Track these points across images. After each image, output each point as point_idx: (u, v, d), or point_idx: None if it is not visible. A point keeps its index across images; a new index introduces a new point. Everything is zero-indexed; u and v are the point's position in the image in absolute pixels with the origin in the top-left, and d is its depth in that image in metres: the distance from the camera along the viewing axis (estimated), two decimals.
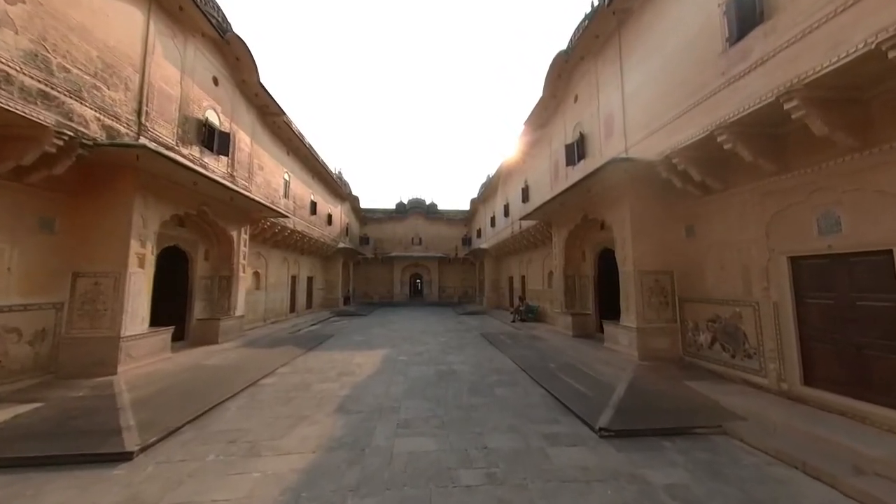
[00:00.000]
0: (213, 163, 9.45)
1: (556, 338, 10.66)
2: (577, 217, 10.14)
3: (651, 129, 6.95)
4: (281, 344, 10.46)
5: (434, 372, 7.77)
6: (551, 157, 12.32)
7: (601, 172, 7.22)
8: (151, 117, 7.25)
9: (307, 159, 16.61)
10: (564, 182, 10.87)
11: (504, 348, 9.91)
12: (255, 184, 11.88)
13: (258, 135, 12.11)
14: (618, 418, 4.80)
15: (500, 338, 11.61)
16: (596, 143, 9.17)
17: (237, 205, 10.23)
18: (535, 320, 15.62)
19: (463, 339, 11.94)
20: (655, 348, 7.28)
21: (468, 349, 10.21)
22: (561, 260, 11.49)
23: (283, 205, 14.15)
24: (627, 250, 7.71)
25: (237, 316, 10.72)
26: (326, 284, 23.35)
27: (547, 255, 15.22)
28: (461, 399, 6.04)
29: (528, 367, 7.67)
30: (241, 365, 7.82)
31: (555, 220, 11.93)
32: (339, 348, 10.33)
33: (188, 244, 9.49)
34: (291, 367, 8.04)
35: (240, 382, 6.65)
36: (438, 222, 32.07)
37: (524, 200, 15.52)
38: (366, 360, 8.87)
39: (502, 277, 23.34)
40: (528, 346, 9.94)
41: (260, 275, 14.29)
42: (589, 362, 7.65)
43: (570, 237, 11.08)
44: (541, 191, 13.33)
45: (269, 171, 13.04)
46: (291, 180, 15.27)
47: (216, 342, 9.55)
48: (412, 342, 11.43)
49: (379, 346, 10.65)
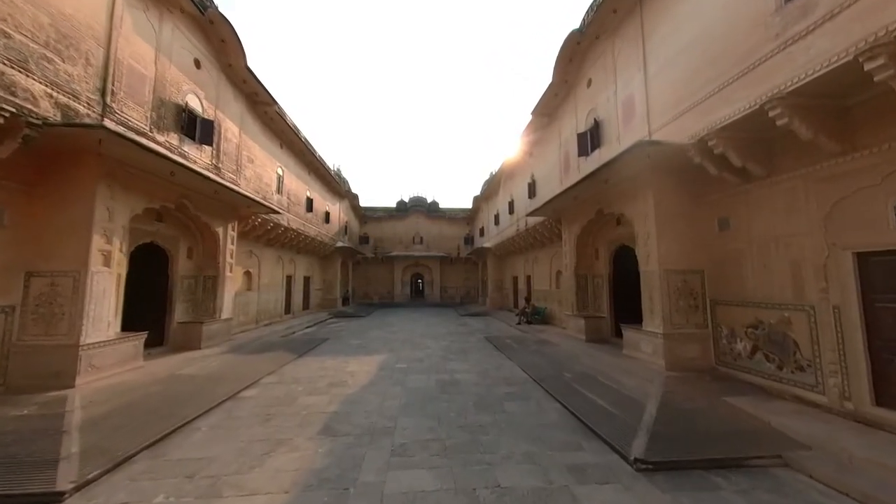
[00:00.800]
0: (195, 152, 8.69)
1: (568, 342, 9.86)
2: (590, 212, 9.34)
3: (680, 110, 6.14)
4: (270, 349, 9.70)
5: (435, 382, 6.98)
6: (561, 149, 11.51)
7: (622, 159, 6.41)
8: (119, 98, 6.50)
9: (302, 153, 15.85)
10: (576, 174, 10.07)
11: (511, 354, 9.12)
12: (245, 177, 11.12)
13: (248, 125, 11.36)
14: (655, 446, 4.00)
15: (507, 342, 10.82)
16: (613, 130, 8.37)
17: (223, 199, 9.47)
18: (542, 322, 14.81)
19: (466, 344, 11.16)
20: (684, 357, 6.47)
21: (472, 355, 9.42)
22: (572, 258, 10.69)
23: (275, 201, 13.40)
24: (651, 247, 6.90)
25: (223, 319, 9.97)
26: (324, 285, 22.61)
27: (555, 254, 14.42)
28: (466, 416, 5.25)
29: (540, 378, 6.87)
30: (222, 374, 7.06)
31: (565, 216, 11.13)
32: (332, 354, 9.56)
33: (168, 241, 8.74)
34: (278, 377, 7.27)
35: (216, 395, 5.88)
36: (440, 221, 31.30)
37: (531, 196, 14.72)
38: (360, 367, 8.10)
39: (506, 277, 22.54)
40: (538, 352, 9.14)
41: (252, 274, 13.54)
42: (608, 372, 6.84)
43: (582, 234, 10.28)
44: (549, 185, 12.53)
45: (260, 164, 12.28)
46: (285, 175, 14.52)
47: (199, 347, 8.79)
48: (412, 346, 10.65)
49: (376, 352, 9.88)
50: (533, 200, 14.44)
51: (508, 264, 21.86)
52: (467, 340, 11.83)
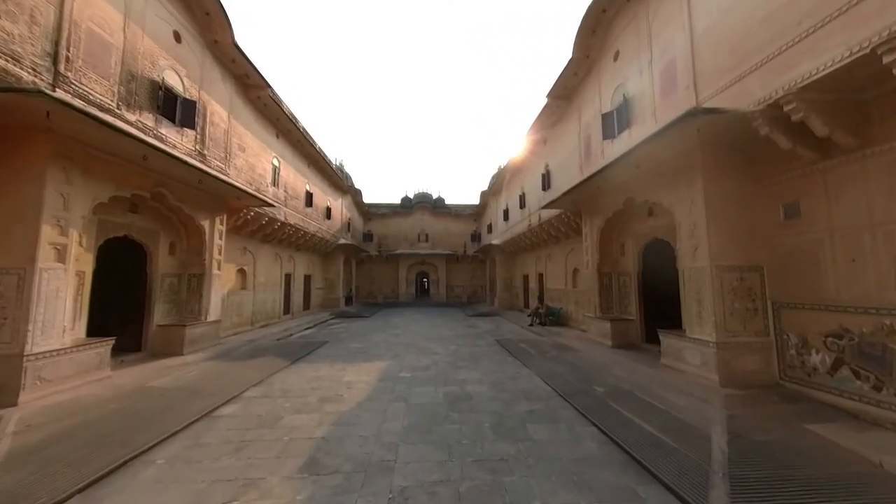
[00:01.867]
0: (175, 136, 7.79)
1: (591, 348, 8.82)
2: (617, 202, 8.28)
3: (741, 71, 5.07)
4: (262, 354, 8.81)
5: (444, 396, 6.01)
6: (581, 134, 10.45)
7: (665, 135, 5.35)
8: (76, 66, 5.59)
9: (300, 144, 14.95)
10: (600, 160, 9.02)
11: (528, 361, 8.12)
12: (235, 167, 10.23)
13: (238, 110, 10.46)
14: (741, 499, 2.98)
15: (521, 346, 9.82)
16: (646, 106, 7.30)
17: (209, 189, 8.58)
18: (556, 324, 13.77)
19: (476, 348, 10.17)
20: (742, 370, 5.42)
21: (484, 361, 8.44)
22: (594, 255, 9.64)
23: (270, 193, 12.51)
24: (699, 239, 5.84)
25: (210, 321, 9.09)
26: (326, 283, 21.77)
27: (571, 251, 13.36)
28: (483, 444, 4.27)
29: (567, 392, 5.86)
30: (200, 386, 6.15)
31: (586, 208, 10.08)
32: (329, 360, 8.63)
33: (145, 235, 7.86)
34: (264, 389, 6.35)
35: (187, 414, 4.97)
36: (446, 217, 30.32)
37: (545, 188, 13.66)
38: (359, 377, 7.15)
39: (516, 276, 21.50)
40: (559, 359, 8.13)
41: (246, 273, 12.68)
42: (649, 387, 5.81)
43: (606, 227, 9.22)
44: (566, 175, 11.47)
45: (252, 153, 11.39)
46: (282, 167, 13.63)
47: (180, 353, 7.91)
48: (417, 351, 9.70)
49: (377, 357, 8.93)
50: (547, 192, 13.38)
51: (518, 262, 20.81)
52: (477, 344, 10.85)
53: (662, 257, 8.25)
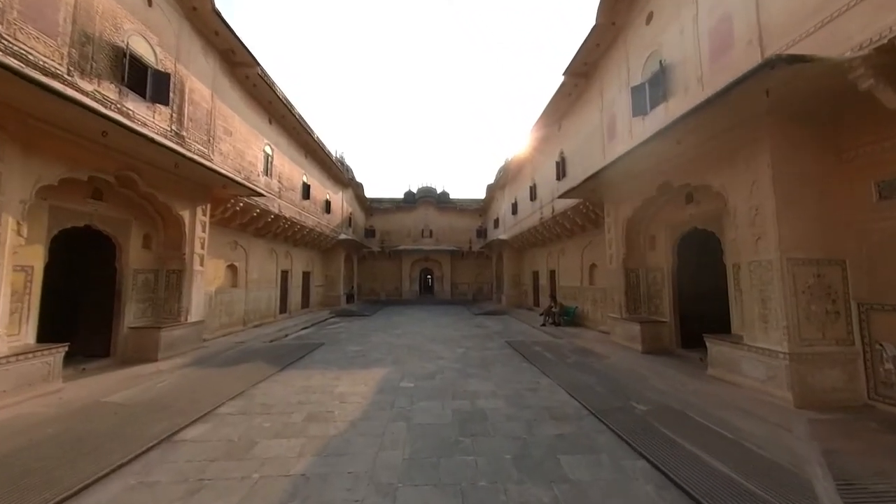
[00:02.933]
0: (144, 112, 6.86)
1: (618, 353, 7.81)
2: (649, 187, 7.25)
3: (833, 10, 4.01)
4: (249, 359, 7.90)
5: (452, 414, 5.06)
6: (603, 113, 9.39)
7: (724, 99, 4.31)
8: (9, 20, 4.66)
9: (296, 132, 14.00)
10: (627, 141, 7.98)
11: (547, 367, 7.14)
12: (220, 152, 9.29)
13: (224, 90, 9.51)
14: None
15: (536, 350, 8.83)
16: (689, 72, 6.24)
17: (187, 175, 7.65)
18: (571, 324, 12.77)
19: (486, 351, 9.21)
20: (821, 388, 4.40)
21: (496, 368, 7.47)
22: (620, 249, 8.61)
23: (262, 183, 11.58)
24: (765, 227, 4.81)
25: (192, 322, 8.18)
26: (326, 281, 20.89)
27: (588, 244, 12.33)
28: (506, 487, 3.31)
29: (600, 410, 4.88)
30: (167, 400, 5.25)
31: (610, 196, 9.04)
32: (323, 366, 7.71)
33: (113, 225, 6.94)
34: (243, 403, 5.43)
35: (142, 439, 4.06)
36: (450, 212, 29.31)
37: (559, 177, 12.62)
38: (354, 387, 6.22)
39: (524, 273, 20.49)
40: (583, 366, 7.13)
41: (237, 269, 11.79)
42: (702, 406, 4.80)
43: (634, 218, 8.19)
44: (585, 161, 10.42)
45: (241, 139, 10.45)
46: (275, 155, 12.68)
47: (155, 359, 7.02)
48: (421, 355, 8.75)
49: (377, 363, 8.00)
50: (562, 182, 12.34)
51: (527, 258, 19.79)
52: (486, 346, 9.89)
53: (702, 251, 7.22)
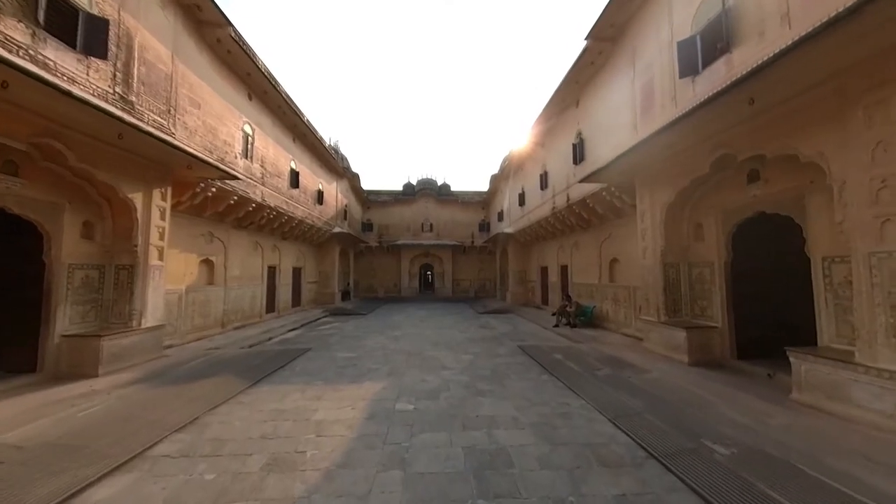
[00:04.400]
0: (73, 65, 5.47)
1: (659, 365, 6.50)
2: (701, 164, 5.90)
3: None
4: (215, 371, 6.58)
5: (464, 457, 3.76)
6: (636, 80, 8.00)
7: (841, 28, 2.96)
8: None
9: (282, 112, 12.58)
10: (671, 110, 6.62)
11: (574, 382, 5.83)
12: (184, 126, 7.91)
13: (189, 53, 8.09)
14: None
15: (556, 358, 7.52)
16: (769, 10, 4.84)
17: (137, 149, 6.29)
18: (588, 325, 11.47)
19: (497, 359, 7.91)
20: None
21: (513, 382, 6.17)
22: (657, 240, 7.27)
23: (241, 167, 10.20)
24: None
25: (147, 327, 6.85)
26: (320, 277, 19.57)
27: (608, 237, 11.00)
28: None
29: (665, 452, 3.57)
30: (85, 438, 3.93)
31: (644, 179, 7.69)
32: (304, 379, 6.39)
33: (37, 209, 5.59)
34: (188, 439, 4.12)
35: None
36: (452, 205, 27.94)
37: (577, 160, 11.25)
38: (338, 411, 4.91)
39: (532, 268, 19.17)
40: (619, 382, 5.81)
41: (214, 264, 10.46)
42: (807, 450, 3.48)
43: (676, 202, 6.85)
44: (610, 139, 9.06)
45: (213, 114, 9.06)
46: (257, 136, 11.28)
47: (94, 374, 5.70)
48: (421, 364, 7.44)
49: (369, 374, 6.68)
50: (580, 166, 10.98)
51: (535, 252, 18.46)
52: (497, 353, 8.59)
53: (768, 241, 5.90)
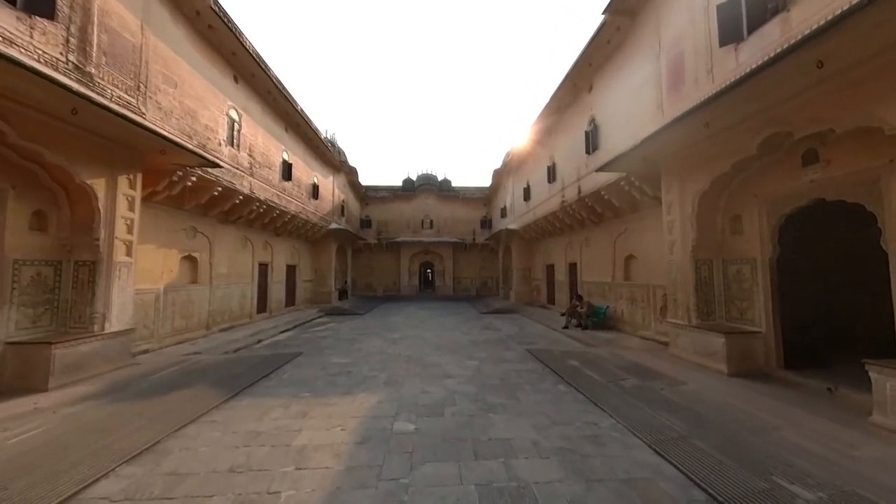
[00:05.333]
0: (12, 25, 4.65)
1: (694, 376, 5.70)
2: (746, 144, 5.11)
3: None
4: (190, 381, 5.78)
5: (479, 499, 2.98)
6: (662, 56, 7.18)
7: None
8: None
9: (273, 98, 11.74)
10: (706, 86, 5.81)
11: (598, 396, 5.04)
12: (158, 106, 7.09)
13: (162, 24, 7.25)
14: None
15: (571, 364, 6.73)
16: None
17: (96, 129, 5.48)
18: (601, 327, 10.70)
19: (505, 364, 7.13)
20: None
21: (527, 395, 5.38)
22: (688, 232, 6.48)
23: (225, 155, 9.38)
24: None
25: (113, 332, 6.05)
26: (316, 275, 18.77)
27: (623, 232, 10.22)
28: None
29: (729, 496, 2.78)
30: (5, 476, 3.15)
31: (672, 165, 6.88)
32: (291, 390, 5.60)
33: None
34: (138, 474, 3.32)
35: None
36: (453, 202, 27.13)
37: (590, 149, 10.44)
38: (325, 434, 4.12)
39: (536, 266, 18.39)
40: (650, 396, 5.01)
41: (198, 261, 9.66)
42: None
43: (711, 190, 6.05)
44: (631, 123, 8.25)
45: (193, 95, 8.23)
46: (244, 123, 10.46)
47: (44, 387, 4.91)
48: (423, 371, 6.66)
49: (364, 384, 5.89)
50: (594, 155, 10.18)
51: (541, 249, 17.67)
52: (505, 358, 7.82)
53: (824, 234, 5.12)
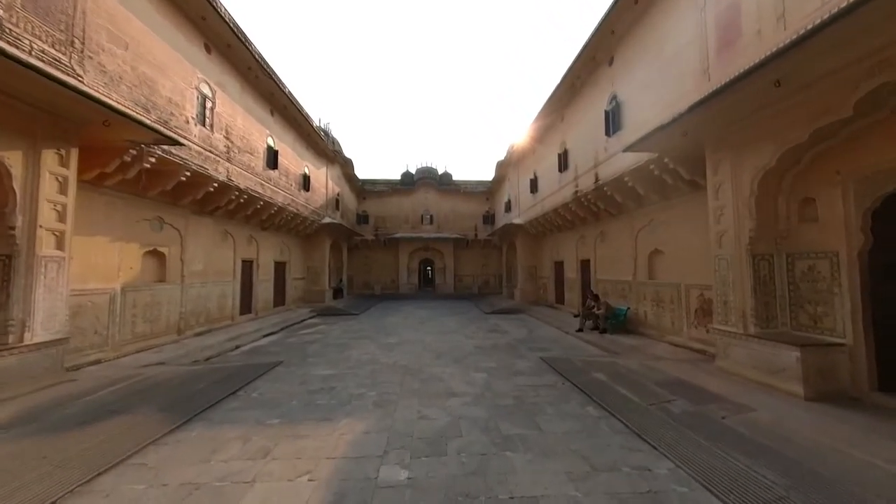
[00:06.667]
0: None
1: (762, 399, 4.55)
2: (836, 104, 3.95)
3: None
4: (135, 403, 4.65)
5: None
6: (708, 11, 5.96)
7: None
8: None
9: (254, 75, 10.53)
10: (773, 34, 4.64)
11: (640, 424, 3.89)
12: (101, 68, 5.90)
13: None
14: None
15: (598, 379, 5.58)
16: None
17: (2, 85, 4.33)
18: (621, 330, 9.57)
19: (518, 378, 5.98)
20: None
21: (550, 420, 4.23)
22: (744, 220, 5.31)
23: (195, 134, 8.19)
24: None
25: (39, 343, 4.90)
26: (308, 273, 17.62)
27: (648, 224, 9.06)
28: None
29: None
30: None
31: (722, 139, 5.70)
32: (256, 415, 4.45)
33: None
34: None
35: None
36: (454, 196, 25.95)
37: (610, 131, 9.25)
38: (285, 489, 2.96)
39: (544, 263, 17.24)
40: (710, 427, 3.86)
41: (166, 257, 8.50)
42: None
43: (777, 168, 4.90)
44: (664, 95, 7.07)
45: (151, 60, 7.03)
46: (219, 100, 9.25)
47: None
48: (421, 388, 5.50)
49: (348, 407, 4.73)
50: (615, 137, 9.00)
51: (548, 245, 16.51)
52: (516, 368, 6.68)
53: None
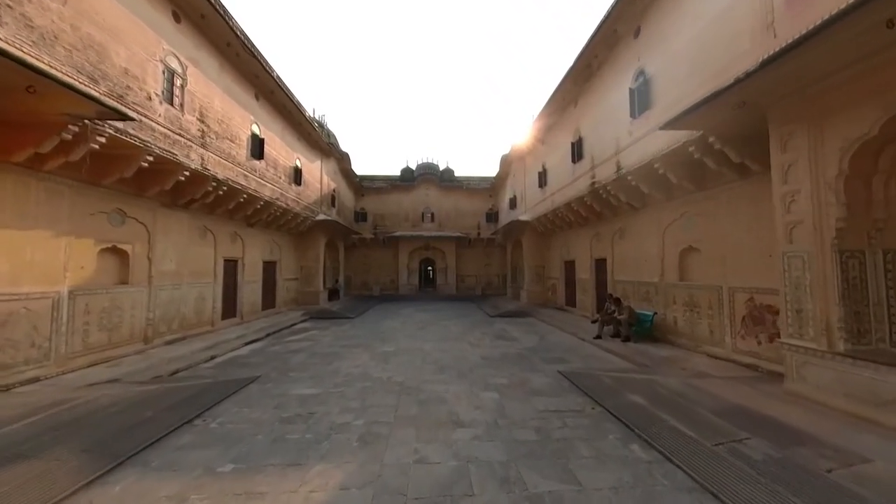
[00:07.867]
0: None
1: (874, 444, 3.44)
2: None
3: None
4: (52, 442, 3.59)
5: None
6: None
7: None
8: None
9: (234, 53, 9.45)
10: None
11: (711, 477, 2.81)
12: (26, 22, 4.80)
13: None
14: None
15: (635, 403, 4.49)
16: None
17: None
18: (647, 338, 8.47)
19: (537, 399, 4.90)
20: None
21: (585, 466, 3.15)
22: (831, 209, 4.23)
23: (160, 114, 7.12)
24: None
25: None
26: (301, 273, 16.57)
27: (679, 217, 7.96)
28: None
29: None
30: None
31: (792, 107, 4.59)
32: (207, 457, 3.39)
33: None
34: None
35: None
36: (456, 193, 24.89)
37: (636, 112, 8.13)
38: None
39: (553, 263, 16.15)
40: (812, 486, 2.78)
41: (129, 255, 7.45)
42: None
43: (874, 141, 3.81)
44: (708, 64, 5.95)
45: (98, 21, 5.94)
46: (191, 77, 8.15)
47: None
48: (420, 415, 4.42)
49: (325, 445, 3.64)
50: (641, 118, 7.90)
51: (557, 243, 15.42)
52: (532, 386, 5.61)
53: None
